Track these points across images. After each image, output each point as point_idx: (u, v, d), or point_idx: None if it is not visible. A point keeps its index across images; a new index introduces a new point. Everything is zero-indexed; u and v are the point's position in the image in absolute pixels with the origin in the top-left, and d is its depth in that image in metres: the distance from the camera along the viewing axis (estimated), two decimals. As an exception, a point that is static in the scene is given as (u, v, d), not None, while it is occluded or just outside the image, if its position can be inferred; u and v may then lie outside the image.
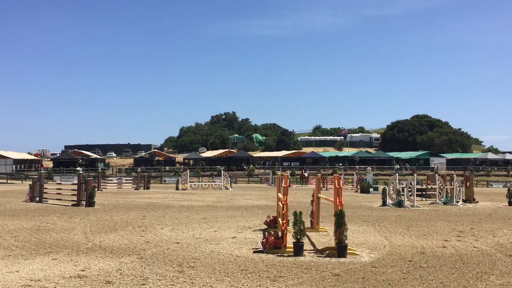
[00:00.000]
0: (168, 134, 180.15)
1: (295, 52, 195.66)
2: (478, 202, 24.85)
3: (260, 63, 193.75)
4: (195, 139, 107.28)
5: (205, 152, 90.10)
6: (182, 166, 74.31)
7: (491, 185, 55.65)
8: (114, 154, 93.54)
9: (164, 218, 15.37)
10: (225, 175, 40.37)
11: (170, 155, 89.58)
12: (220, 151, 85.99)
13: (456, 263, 8.38)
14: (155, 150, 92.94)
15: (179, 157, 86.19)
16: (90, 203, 19.94)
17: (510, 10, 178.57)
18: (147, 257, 8.63)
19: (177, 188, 36.85)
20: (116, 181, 41.07)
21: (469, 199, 24.76)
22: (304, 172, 50.89)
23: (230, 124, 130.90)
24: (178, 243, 10.29)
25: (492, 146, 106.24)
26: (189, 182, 38.39)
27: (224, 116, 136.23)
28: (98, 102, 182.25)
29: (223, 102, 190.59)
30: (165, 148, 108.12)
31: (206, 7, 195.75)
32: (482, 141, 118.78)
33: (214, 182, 41.83)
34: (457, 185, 23.47)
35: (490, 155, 79.02)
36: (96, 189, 21.37)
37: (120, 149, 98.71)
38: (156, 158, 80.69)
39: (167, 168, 72.60)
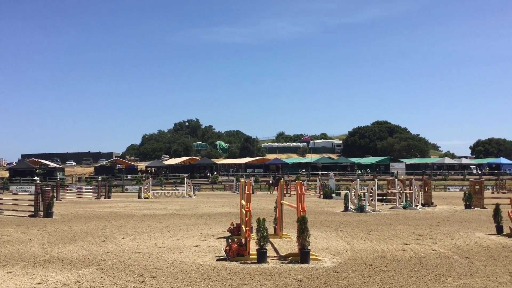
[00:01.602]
0: (130, 142, 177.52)
1: (258, 59, 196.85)
2: (436, 205, 25.58)
3: (223, 70, 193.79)
4: (157, 147, 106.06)
5: (168, 159, 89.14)
6: (144, 174, 73.20)
7: (448, 189, 57.48)
8: (73, 163, 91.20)
9: (125, 228, 15.08)
10: (188, 183, 40.05)
11: (132, 163, 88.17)
12: (183, 158, 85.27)
13: (415, 266, 8.58)
14: (117, 158, 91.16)
15: (142, 165, 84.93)
16: (48, 214, 19.34)
17: (467, 20, 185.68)
18: (107, 268, 8.42)
19: (139, 197, 36.27)
20: (76, 191, 40.07)
21: (428, 203, 25.46)
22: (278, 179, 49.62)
23: (194, 132, 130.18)
24: (139, 252, 10.11)
25: (449, 151, 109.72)
26: (152, 190, 37.85)
27: (187, 124, 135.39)
28: (57, 110, 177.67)
29: (186, 109, 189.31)
30: (127, 156, 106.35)
31: (169, 14, 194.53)
32: (440, 147, 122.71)
33: (177, 190, 41.44)
34: (416, 190, 24.09)
35: (447, 160, 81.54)
36: (54, 199, 20.75)
37: (80, 158, 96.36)
38: (118, 166, 79.18)
39: (129, 176, 71.37)
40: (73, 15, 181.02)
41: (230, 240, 11.45)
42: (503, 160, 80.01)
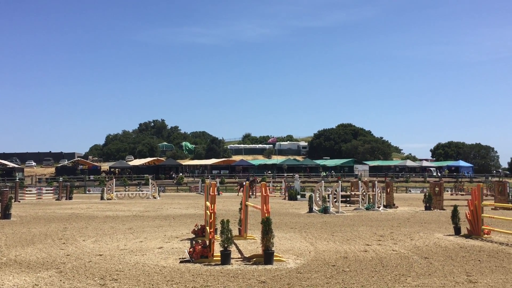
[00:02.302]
0: (93, 142, 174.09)
1: (225, 61, 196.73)
2: (397, 207, 26.16)
3: (190, 71, 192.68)
4: (122, 147, 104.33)
5: (132, 160, 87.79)
6: (107, 175, 71.85)
7: (410, 190, 58.86)
8: (33, 163, 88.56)
9: (87, 230, 14.76)
10: (153, 184, 39.56)
11: (95, 163, 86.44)
12: (148, 159, 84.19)
13: (376, 266, 8.75)
14: (79, 158, 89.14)
15: (105, 166, 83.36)
16: (6, 215, 18.73)
17: (428, 26, 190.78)
18: (67, 271, 8.22)
19: (102, 198, 35.58)
20: (36, 192, 38.96)
21: (390, 204, 26.01)
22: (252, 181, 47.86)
23: (159, 132, 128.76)
24: (101, 255, 9.91)
25: (410, 154, 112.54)
26: (115, 191, 37.19)
27: (152, 124, 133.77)
28: (17, 109, 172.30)
29: (152, 109, 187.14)
30: (90, 157, 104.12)
31: (136, 13, 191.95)
32: (402, 149, 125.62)
33: (142, 191, 40.87)
34: (379, 191, 24.56)
35: (409, 163, 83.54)
36: (13, 200, 20.11)
37: (41, 158, 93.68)
38: (80, 167, 77.44)
39: (91, 177, 69.91)
40: (43, 12, 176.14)
41: (194, 242, 11.38)
42: (462, 163, 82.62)
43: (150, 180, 41.81)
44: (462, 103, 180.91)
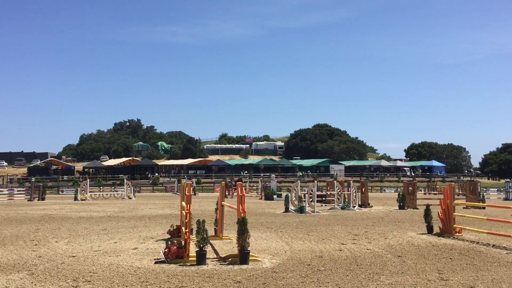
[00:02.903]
0: (67, 141, 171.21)
1: (203, 60, 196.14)
2: (372, 206, 26.49)
3: (166, 70, 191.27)
4: (96, 147, 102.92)
5: (107, 160, 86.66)
6: (81, 175, 70.74)
7: (384, 190, 59.63)
8: (5, 163, 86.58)
9: (59, 231, 14.50)
10: (128, 184, 39.12)
11: (69, 163, 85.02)
12: (123, 159, 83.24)
13: (350, 265, 8.84)
14: (52, 158, 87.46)
15: (79, 166, 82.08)
16: (-25, 217, 18.25)
17: (403, 29, 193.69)
18: (39, 273, 8.06)
19: (75, 199, 35.02)
20: (7, 192, 38.09)
21: (364, 204, 26.33)
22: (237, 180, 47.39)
23: (135, 132, 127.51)
24: (74, 256, 9.76)
25: (385, 154, 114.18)
26: (89, 192, 36.63)
27: (128, 124, 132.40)
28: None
29: (128, 109, 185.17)
30: (64, 157, 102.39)
31: (112, 12, 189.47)
32: (377, 149, 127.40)
33: (116, 191, 40.33)
34: (354, 191, 24.83)
35: (384, 163, 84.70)
36: (-18, 201, 19.61)
37: (12, 158, 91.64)
38: (53, 167, 76.02)
39: (65, 177, 68.70)
40: (8, 13, 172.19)
41: (169, 242, 11.26)
42: (434, 163, 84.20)
43: (125, 180, 41.34)
44: (435, 104, 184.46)
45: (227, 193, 39.93)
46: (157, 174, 71.75)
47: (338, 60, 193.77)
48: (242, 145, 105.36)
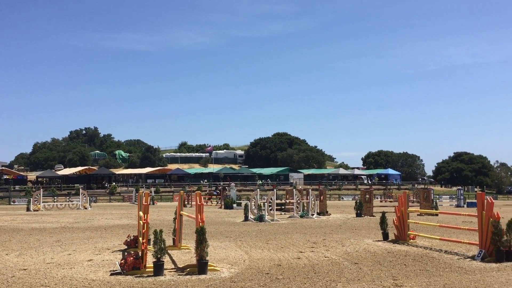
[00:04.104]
0: (20, 150, 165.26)
1: (162, 68, 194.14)
2: (330, 214, 26.87)
3: (125, 78, 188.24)
4: (50, 156, 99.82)
5: (62, 169, 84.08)
6: (34, 185, 68.35)
7: (342, 198, 60.68)
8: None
9: (10, 243, 13.94)
10: (83, 194, 38.10)
11: (21, 173, 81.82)
12: (79, 168, 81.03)
13: (308, 273, 8.92)
14: (3, 168, 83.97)
15: (32, 176, 79.23)
16: None
17: (361, 40, 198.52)
18: (-13, 288, 7.72)
19: (28, 209, 33.79)
20: (-46, 203, 36.29)
21: (323, 211, 26.67)
22: (222, 189, 44.78)
23: (91, 140, 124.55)
24: (25, 269, 9.39)
25: (343, 162, 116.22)
26: (43, 202, 35.42)
27: (84, 132, 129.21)
28: None
29: (84, 116, 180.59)
30: (16, 166, 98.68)
31: (67, 17, 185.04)
32: (335, 158, 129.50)
33: (71, 201, 39.18)
34: (312, 199, 25.12)
35: (342, 171, 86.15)
36: None
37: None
38: (4, 176, 73.03)
39: (16, 187, 66.13)
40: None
41: (126, 253, 11.06)
42: (390, 171, 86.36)
43: (80, 190, 40.24)
44: (391, 114, 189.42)
45: (186, 202, 39.56)
46: (114, 183, 70.20)
47: (298, 69, 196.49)
48: (202, 154, 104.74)
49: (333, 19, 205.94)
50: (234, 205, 34.30)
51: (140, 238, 10.20)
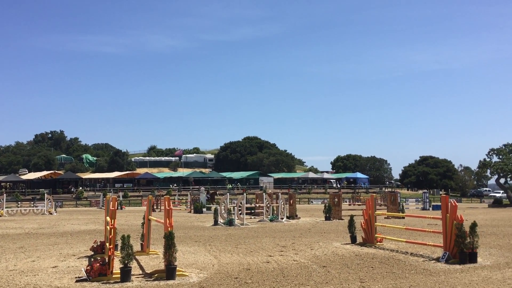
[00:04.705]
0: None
1: (132, 71, 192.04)
2: (300, 218, 27.03)
3: (93, 80, 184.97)
4: (14, 160, 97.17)
5: (26, 174, 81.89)
6: (-3, 189, 66.29)
7: (312, 201, 61.12)
8: None
9: (-30, 250, 13.46)
10: (49, 199, 37.16)
11: (-17, 177, 79.31)
12: (44, 172, 79.03)
13: (277, 277, 8.95)
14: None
15: (-5, 180, 76.81)
16: None
17: (331, 45, 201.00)
18: None
19: (-10, 215, 32.70)
20: None
21: (292, 215, 26.82)
22: (213, 194, 43.86)
23: (57, 144, 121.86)
24: (-14, 277, 9.09)
25: (312, 166, 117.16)
26: (6, 207, 34.36)
27: (50, 135, 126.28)
28: None
29: (50, 120, 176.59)
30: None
31: (32, 17, 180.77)
32: (305, 162, 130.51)
33: (36, 207, 38.15)
34: (282, 203, 25.23)
35: (311, 175, 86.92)
36: None
37: None
38: (-35, 181, 70.61)
39: (-22, 192, 64.03)
40: None
41: (92, 259, 10.85)
42: (359, 175, 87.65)
43: (46, 194, 39.26)
44: (360, 118, 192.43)
45: (155, 207, 39.11)
46: (81, 188, 68.81)
47: (269, 73, 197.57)
48: (171, 158, 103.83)
49: (303, 24, 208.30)
50: (204, 209, 34.09)
51: (107, 244, 10.02)
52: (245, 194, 26.37)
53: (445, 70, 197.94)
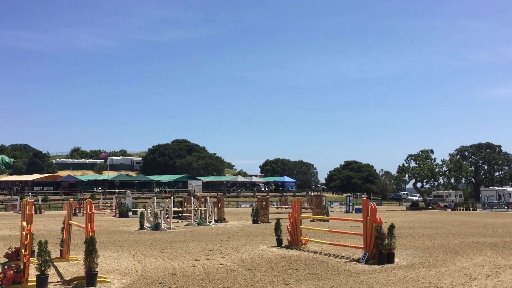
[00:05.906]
0: None
1: (54, 68, 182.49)
2: (228, 221, 27.08)
3: (10, 76, 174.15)
4: None
5: None
6: None
7: (240, 205, 61.44)
8: None
9: None
10: (-41, 203, 34.51)
11: None
12: (-45, 174, 73.42)
13: (203, 281, 8.90)
14: None
15: None
16: None
17: (262, 52, 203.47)
18: None
19: None
20: None
21: (221, 219, 26.81)
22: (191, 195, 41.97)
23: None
24: None
25: (241, 170, 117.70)
26: None
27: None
28: None
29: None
30: None
31: None
32: (234, 165, 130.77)
33: None
34: (210, 207, 25.14)
35: (240, 178, 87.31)
36: None
37: None
38: None
39: None
40: None
41: (6, 267, 10.21)
42: (287, 179, 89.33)
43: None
44: (288, 123, 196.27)
45: (77, 211, 37.55)
46: (-4, 191, 64.55)
47: (199, 76, 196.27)
48: (96, 160, 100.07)
49: (236, 29, 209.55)
50: (130, 213, 33.17)
51: (23, 250, 9.47)
52: (172, 197, 26.01)
53: (368, 79, 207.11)
